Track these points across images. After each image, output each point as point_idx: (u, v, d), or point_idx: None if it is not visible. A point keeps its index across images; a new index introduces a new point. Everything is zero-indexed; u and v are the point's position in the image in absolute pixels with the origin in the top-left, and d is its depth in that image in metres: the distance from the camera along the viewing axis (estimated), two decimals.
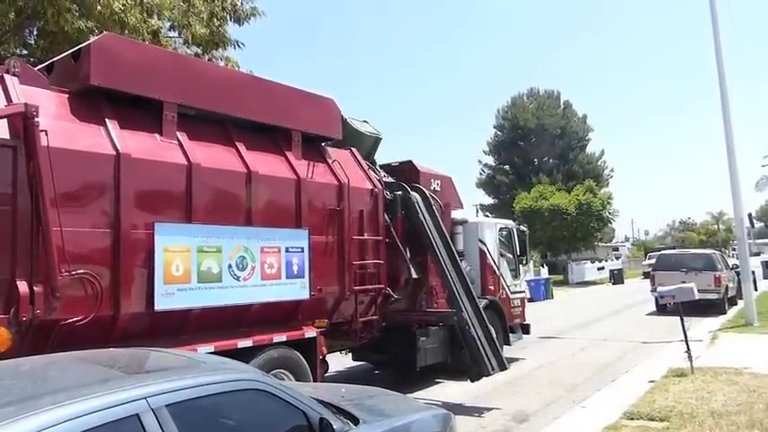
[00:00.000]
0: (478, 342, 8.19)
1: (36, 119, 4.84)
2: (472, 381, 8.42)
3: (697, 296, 9.36)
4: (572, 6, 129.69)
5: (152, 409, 2.64)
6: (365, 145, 9.21)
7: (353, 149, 8.64)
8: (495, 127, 51.53)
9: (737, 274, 18.26)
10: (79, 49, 5.86)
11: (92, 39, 6.71)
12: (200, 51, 13.60)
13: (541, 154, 49.46)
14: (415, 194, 8.99)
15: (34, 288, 4.76)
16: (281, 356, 6.49)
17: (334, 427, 3.23)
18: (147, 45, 8.31)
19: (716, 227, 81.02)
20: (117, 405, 2.56)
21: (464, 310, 8.38)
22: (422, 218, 8.83)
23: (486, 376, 8.24)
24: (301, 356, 6.70)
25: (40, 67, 6.34)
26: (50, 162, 4.85)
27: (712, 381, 8.17)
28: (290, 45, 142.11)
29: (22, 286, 4.71)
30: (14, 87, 5.18)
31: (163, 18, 12.83)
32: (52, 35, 11.19)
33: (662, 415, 6.69)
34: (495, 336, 8.63)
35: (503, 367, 8.38)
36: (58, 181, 4.90)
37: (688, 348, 8.99)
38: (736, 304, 19.10)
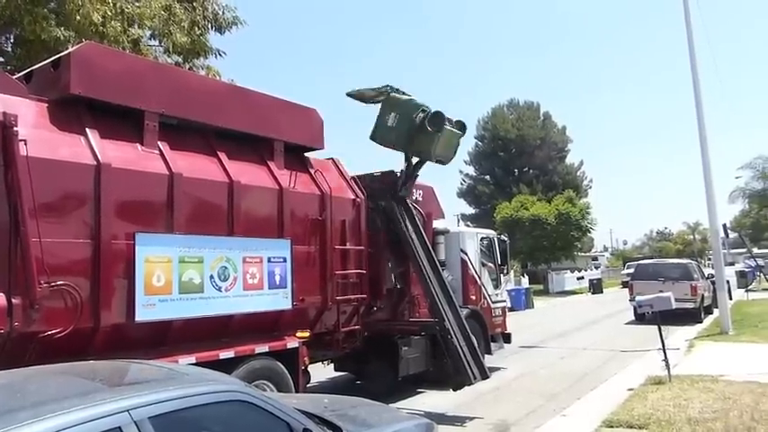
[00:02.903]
0: (460, 351, 8.22)
1: (15, 128, 4.79)
2: (454, 390, 8.44)
3: (674, 305, 9.51)
4: (551, 19, 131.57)
5: (135, 422, 2.62)
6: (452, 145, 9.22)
7: (336, 159, 8.67)
8: (475, 137, 51.91)
9: (713, 283, 18.55)
10: (59, 57, 5.83)
11: (70, 47, 6.66)
12: (180, 60, 13.54)
13: (521, 164, 49.94)
14: (396, 204, 9.02)
15: (12, 300, 4.69)
16: (263, 367, 6.46)
17: None
18: (128, 54, 8.27)
19: (692, 237, 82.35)
20: (99, 418, 2.53)
21: (446, 319, 8.41)
22: (404, 227, 8.86)
23: (468, 385, 8.27)
24: (283, 367, 6.67)
25: (18, 75, 6.28)
26: (29, 172, 4.81)
27: (689, 388, 8.28)
28: (270, 54, 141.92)
29: (0, 298, 4.64)
30: None
31: (143, 27, 12.77)
32: (29, 43, 11.07)
33: (641, 422, 6.76)
34: (476, 345, 8.68)
35: (484, 376, 8.41)
36: (37, 191, 4.85)
37: (665, 357, 9.11)
38: (711, 313, 19.35)
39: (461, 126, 9.28)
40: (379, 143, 8.82)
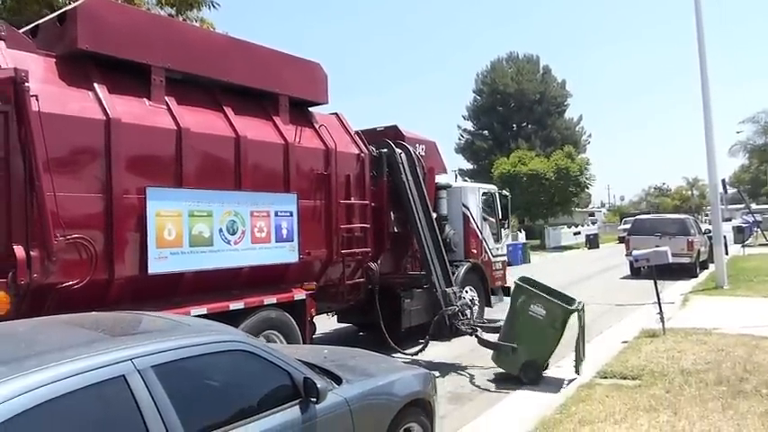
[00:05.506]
0: (442, 305, 8.44)
1: (26, 84, 4.80)
2: (431, 339, 8.56)
3: (671, 260, 9.62)
4: None
5: (138, 370, 2.69)
6: None
7: (339, 113, 8.68)
8: (474, 91, 51.48)
9: (710, 238, 18.68)
10: (65, 11, 5.79)
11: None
12: (173, 12, 13.24)
13: (520, 119, 49.65)
14: (400, 152, 9.08)
15: (31, 252, 4.80)
16: (272, 318, 6.64)
17: (318, 385, 3.31)
18: (133, 8, 8.18)
19: (690, 192, 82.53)
20: (103, 366, 2.61)
21: (433, 273, 8.60)
22: (404, 178, 8.95)
23: (447, 339, 8.71)
24: (291, 318, 6.86)
25: (24, 29, 6.24)
26: (42, 127, 4.84)
27: (683, 341, 8.47)
28: (264, 4, 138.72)
29: (19, 251, 4.75)
30: (2, 52, 5.13)
31: None
32: None
33: (634, 373, 6.96)
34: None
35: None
36: (49, 146, 4.90)
37: (660, 310, 9.24)
38: (707, 268, 19.54)
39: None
40: None
